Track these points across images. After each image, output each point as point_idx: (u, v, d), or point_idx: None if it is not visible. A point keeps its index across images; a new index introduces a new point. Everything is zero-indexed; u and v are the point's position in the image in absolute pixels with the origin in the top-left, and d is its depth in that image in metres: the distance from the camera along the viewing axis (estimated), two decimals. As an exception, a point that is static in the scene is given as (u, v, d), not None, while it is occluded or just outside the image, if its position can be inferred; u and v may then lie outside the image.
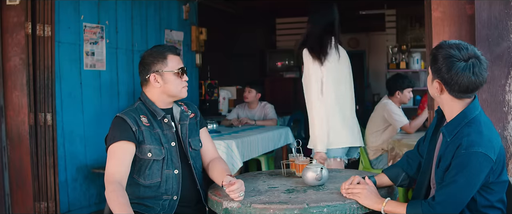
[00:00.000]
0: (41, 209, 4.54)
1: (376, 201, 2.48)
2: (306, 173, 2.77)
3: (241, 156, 4.74)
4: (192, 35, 7.60)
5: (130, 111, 2.81)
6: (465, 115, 2.42)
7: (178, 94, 2.86)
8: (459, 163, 2.30)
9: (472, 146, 2.29)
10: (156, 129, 2.80)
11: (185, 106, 3.03)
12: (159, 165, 2.78)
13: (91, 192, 5.70)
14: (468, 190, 2.31)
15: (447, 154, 2.39)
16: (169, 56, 2.83)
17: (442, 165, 2.40)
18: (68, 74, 5.40)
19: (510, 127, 3.14)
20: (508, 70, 3.14)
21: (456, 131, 2.40)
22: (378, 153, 5.38)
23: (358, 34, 11.62)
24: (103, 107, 5.85)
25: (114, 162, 2.68)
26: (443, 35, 3.35)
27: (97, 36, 5.71)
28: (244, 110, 6.54)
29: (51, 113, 4.54)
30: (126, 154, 2.70)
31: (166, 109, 2.90)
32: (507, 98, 3.14)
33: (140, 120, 2.78)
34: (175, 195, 2.80)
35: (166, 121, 2.85)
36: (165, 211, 2.79)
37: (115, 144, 2.71)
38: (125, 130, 2.72)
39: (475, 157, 2.28)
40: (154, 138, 2.77)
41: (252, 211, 2.41)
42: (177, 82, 2.83)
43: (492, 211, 2.45)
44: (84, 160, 5.61)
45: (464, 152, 2.30)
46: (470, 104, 2.44)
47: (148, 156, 2.75)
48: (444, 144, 2.45)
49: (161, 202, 2.79)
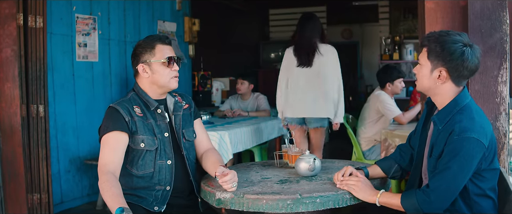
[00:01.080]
0: (34, 200, 4.53)
1: (370, 193, 2.49)
2: (299, 163, 2.77)
3: (234, 147, 4.74)
4: (185, 26, 7.57)
5: (123, 101, 2.80)
6: (457, 102, 2.45)
7: (167, 85, 2.83)
8: (452, 149, 2.32)
9: (465, 131, 2.31)
10: (149, 119, 2.80)
11: (179, 97, 3.02)
12: (152, 155, 2.77)
13: (84, 183, 5.70)
14: (461, 176, 2.32)
15: (439, 142, 2.41)
16: (157, 46, 2.81)
17: (435, 153, 2.42)
18: (61, 65, 5.38)
19: (502, 117, 3.15)
20: (500, 61, 3.14)
21: (448, 118, 2.43)
22: (370, 143, 5.40)
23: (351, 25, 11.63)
24: (96, 98, 5.84)
25: (107, 152, 2.67)
26: (436, 26, 3.35)
27: (89, 27, 5.68)
28: (237, 101, 6.54)
29: (43, 104, 4.52)
30: (119, 143, 2.69)
31: (159, 99, 2.88)
32: (499, 89, 3.15)
33: (133, 110, 2.77)
34: (168, 185, 2.80)
35: (159, 112, 2.84)
36: (158, 202, 2.78)
37: (108, 134, 2.70)
38: (118, 120, 2.71)
39: (468, 143, 2.30)
40: (147, 129, 2.77)
41: (245, 201, 2.42)
42: (165, 73, 2.80)
43: (484, 200, 2.47)
44: (76, 152, 5.60)
45: (456, 138, 2.31)
46: (461, 92, 2.47)
47: (141, 146, 2.75)
48: (436, 133, 2.46)
49: (154, 192, 2.79)
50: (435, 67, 2.45)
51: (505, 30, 3.14)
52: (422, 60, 2.50)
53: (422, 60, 2.50)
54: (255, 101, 6.44)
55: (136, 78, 2.89)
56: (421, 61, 2.50)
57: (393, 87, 5.46)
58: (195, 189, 2.88)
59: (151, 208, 2.76)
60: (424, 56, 2.48)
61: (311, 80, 4.99)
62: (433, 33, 2.48)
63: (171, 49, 2.85)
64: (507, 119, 3.18)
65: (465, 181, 2.35)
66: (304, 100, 5.02)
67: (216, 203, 2.51)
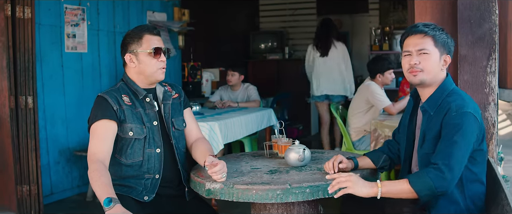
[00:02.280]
0: (23, 192, 4.52)
1: (368, 186, 2.40)
2: (289, 154, 2.78)
3: (224, 138, 4.74)
4: (175, 17, 7.54)
5: (112, 90, 2.80)
6: (445, 87, 2.53)
7: (153, 76, 2.81)
8: (454, 125, 2.36)
9: (462, 107, 2.38)
10: (138, 108, 2.79)
11: (169, 87, 3.01)
12: (141, 144, 2.77)
13: (73, 174, 5.68)
14: (466, 149, 2.37)
15: (433, 125, 2.45)
16: (145, 36, 2.78)
17: (429, 137, 2.45)
18: (49, 56, 5.35)
19: (491, 108, 3.17)
20: (489, 51, 3.15)
21: (439, 103, 2.49)
22: (360, 134, 5.42)
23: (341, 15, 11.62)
24: (85, 89, 5.81)
25: (96, 141, 2.67)
26: (426, 16, 3.36)
27: (78, 18, 5.65)
28: (227, 91, 6.53)
29: (32, 95, 4.50)
30: (108, 132, 2.69)
31: (148, 88, 2.87)
32: (488, 80, 3.16)
33: (122, 99, 2.76)
34: (157, 173, 2.80)
35: (148, 100, 2.83)
36: (148, 191, 2.79)
37: (96, 123, 2.69)
38: (106, 108, 2.70)
39: (466, 117, 2.36)
40: (135, 117, 2.76)
41: (235, 192, 2.42)
42: (152, 63, 2.78)
43: (477, 186, 2.50)
44: (66, 143, 5.58)
45: (455, 114, 2.37)
46: (446, 78, 2.56)
47: (130, 135, 2.75)
48: (426, 120, 2.49)
49: (143, 181, 2.79)
50: (442, 54, 2.53)
51: (494, 21, 3.15)
52: (430, 49, 2.51)
53: (430, 49, 2.51)
54: (245, 92, 6.44)
55: (124, 68, 2.88)
56: (429, 50, 2.51)
57: (383, 78, 5.48)
58: (183, 179, 2.88)
59: (140, 198, 2.76)
60: (430, 44, 2.50)
61: (329, 66, 7.11)
62: (430, 23, 2.56)
63: (159, 40, 2.83)
64: (496, 109, 3.20)
65: (468, 155, 2.39)
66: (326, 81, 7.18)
67: (206, 193, 2.52)
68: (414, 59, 2.52)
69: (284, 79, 9.63)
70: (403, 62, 2.60)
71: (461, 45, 3.18)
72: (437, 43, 2.52)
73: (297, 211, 2.66)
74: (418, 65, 2.51)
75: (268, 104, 7.76)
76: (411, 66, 2.53)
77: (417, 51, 2.52)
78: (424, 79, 2.53)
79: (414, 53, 2.53)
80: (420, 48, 2.52)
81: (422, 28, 2.54)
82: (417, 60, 2.51)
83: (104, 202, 2.37)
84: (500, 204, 2.36)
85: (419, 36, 2.53)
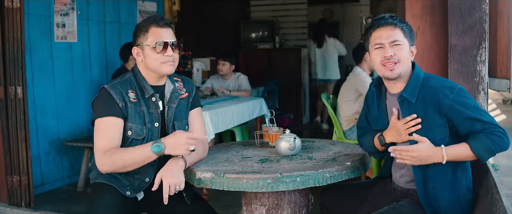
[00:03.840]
0: (13, 182, 4.51)
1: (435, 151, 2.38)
2: (279, 143, 2.78)
3: (215, 127, 4.73)
4: (165, 6, 7.51)
5: (119, 84, 2.70)
6: (419, 73, 2.54)
7: (158, 70, 2.70)
8: (462, 103, 2.40)
9: (452, 87, 2.43)
10: (142, 107, 2.70)
11: (181, 83, 2.89)
12: (139, 144, 2.66)
13: (64, 165, 5.67)
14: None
15: (418, 112, 2.46)
16: (151, 29, 2.67)
17: (426, 126, 2.45)
18: (39, 46, 5.32)
19: (481, 97, 3.18)
20: (479, 40, 3.16)
21: (417, 90, 2.49)
22: (351, 123, 5.42)
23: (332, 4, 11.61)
24: (75, 79, 5.78)
25: (103, 139, 2.60)
26: (416, 6, 3.36)
27: (67, 7, 5.61)
28: (218, 80, 6.52)
29: (21, 86, 4.48)
30: (114, 129, 2.62)
31: (157, 85, 2.77)
32: (478, 69, 3.17)
33: (128, 95, 2.67)
34: (148, 177, 2.75)
35: (154, 100, 2.73)
36: (133, 189, 2.72)
37: (101, 119, 2.62)
38: (111, 105, 2.62)
39: (464, 92, 2.43)
40: (138, 116, 2.68)
41: (225, 181, 2.42)
42: (155, 57, 2.66)
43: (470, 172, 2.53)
44: (56, 133, 5.56)
45: (452, 97, 2.40)
46: (416, 66, 2.58)
47: (128, 134, 2.67)
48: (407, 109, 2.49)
49: (132, 179, 2.73)
50: (411, 45, 2.55)
51: (484, 10, 3.16)
52: (402, 40, 2.51)
53: (402, 40, 2.51)
54: (236, 81, 6.43)
55: (136, 60, 2.79)
56: (401, 41, 2.50)
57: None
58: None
59: (123, 192, 2.68)
60: (401, 35, 2.50)
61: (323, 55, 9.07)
62: (394, 15, 2.58)
63: (167, 32, 2.71)
64: (486, 98, 3.21)
65: None
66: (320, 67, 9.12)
67: (196, 182, 2.51)
68: (388, 51, 2.49)
69: (275, 68, 9.63)
70: (374, 56, 2.56)
71: (451, 34, 3.18)
72: (406, 34, 2.52)
73: (287, 199, 2.67)
74: (394, 57, 2.48)
75: (259, 94, 7.76)
76: (386, 59, 2.49)
77: (390, 43, 2.50)
78: (401, 72, 2.51)
79: (386, 45, 2.50)
80: (393, 39, 2.50)
81: (391, 20, 2.52)
82: (392, 52, 2.48)
83: (154, 150, 2.47)
84: (490, 192, 2.38)
85: (389, 28, 2.52)
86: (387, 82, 2.61)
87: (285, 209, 2.67)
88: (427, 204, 2.49)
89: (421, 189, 2.50)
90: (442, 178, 2.46)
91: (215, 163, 2.65)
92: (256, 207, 2.68)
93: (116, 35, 6.42)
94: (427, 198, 2.49)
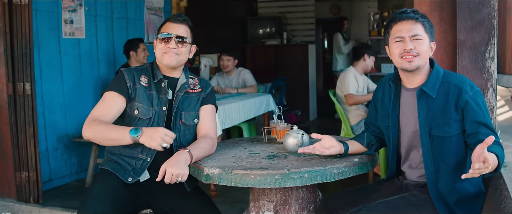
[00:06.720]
0: (22, 178, 4.53)
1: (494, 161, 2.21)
2: (287, 139, 2.78)
3: (222, 123, 4.74)
4: (173, 2, 7.51)
5: (134, 69, 2.90)
6: (438, 70, 2.55)
7: (160, 60, 2.87)
8: (478, 103, 2.42)
9: (472, 85, 2.46)
10: (152, 91, 2.85)
11: (196, 80, 3.02)
12: (144, 124, 2.79)
13: (72, 161, 5.69)
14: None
15: (438, 108, 2.47)
16: (166, 24, 2.89)
17: (441, 122, 2.45)
18: (47, 42, 5.33)
19: (489, 93, 3.16)
20: (488, 36, 3.14)
21: (437, 86, 2.49)
22: (358, 118, 5.42)
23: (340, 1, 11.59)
24: (83, 75, 5.80)
25: (102, 107, 2.77)
26: (424, 2, 3.34)
27: (75, 3, 5.62)
28: (223, 77, 6.52)
29: (30, 82, 4.49)
30: (114, 103, 2.78)
31: (171, 77, 2.93)
32: (487, 65, 3.15)
33: (139, 78, 2.85)
34: (149, 157, 2.81)
35: (163, 85, 2.87)
36: (136, 172, 2.80)
37: (108, 92, 2.80)
38: (120, 82, 2.81)
39: (481, 94, 2.47)
40: (146, 98, 2.82)
41: (233, 177, 2.42)
42: (159, 47, 2.85)
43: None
44: (64, 129, 5.58)
45: (472, 94, 2.42)
46: (435, 62, 2.58)
47: (135, 113, 2.80)
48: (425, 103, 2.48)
49: (135, 161, 2.81)
50: (430, 42, 2.54)
51: (493, 5, 3.13)
52: (423, 34, 2.50)
53: (422, 34, 2.50)
54: (239, 77, 6.42)
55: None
56: (421, 36, 2.49)
57: (369, 61, 5.56)
58: None
59: (125, 179, 2.76)
60: (422, 30, 2.50)
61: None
62: (416, 10, 2.57)
63: (180, 27, 2.87)
64: (495, 95, 3.19)
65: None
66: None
67: (204, 178, 2.52)
68: (408, 45, 2.48)
69: (283, 64, 9.62)
70: (393, 49, 2.55)
71: (460, 30, 3.16)
72: (426, 30, 2.52)
73: (295, 196, 2.67)
74: (414, 50, 2.48)
75: (266, 90, 7.75)
76: (406, 51, 2.48)
77: (410, 37, 2.49)
78: (420, 64, 2.50)
79: (407, 38, 2.49)
80: (414, 33, 2.49)
81: (413, 15, 2.52)
82: (412, 45, 2.48)
83: (131, 133, 2.56)
84: (498, 189, 2.37)
85: (411, 22, 2.51)
86: (405, 76, 2.60)
87: (293, 205, 2.67)
88: (438, 200, 2.48)
89: (433, 185, 2.49)
90: (453, 175, 2.45)
91: (223, 159, 2.66)
92: (264, 203, 2.68)
93: (123, 31, 6.43)
94: (438, 194, 2.48)
